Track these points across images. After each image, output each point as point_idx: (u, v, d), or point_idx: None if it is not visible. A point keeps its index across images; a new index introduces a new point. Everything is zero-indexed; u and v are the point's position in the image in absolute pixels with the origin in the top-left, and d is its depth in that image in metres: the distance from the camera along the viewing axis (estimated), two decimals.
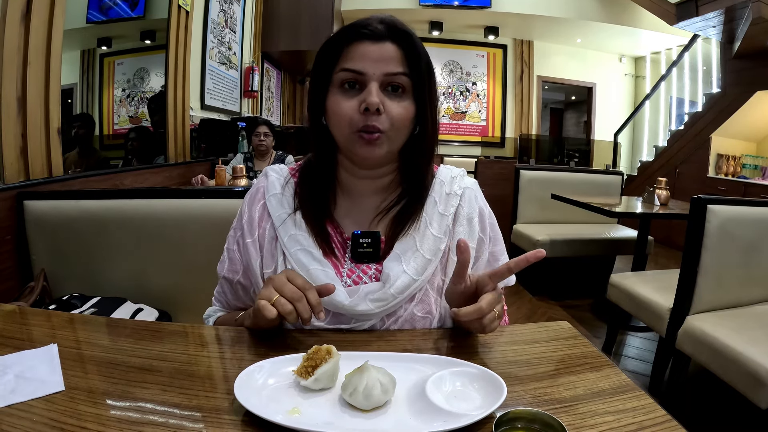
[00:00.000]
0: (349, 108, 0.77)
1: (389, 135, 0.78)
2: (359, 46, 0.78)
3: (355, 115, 0.76)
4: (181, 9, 3.03)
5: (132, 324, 0.89)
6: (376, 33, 0.77)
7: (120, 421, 0.53)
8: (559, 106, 12.15)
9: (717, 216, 1.79)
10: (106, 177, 2.19)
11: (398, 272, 0.79)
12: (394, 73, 0.77)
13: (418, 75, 0.79)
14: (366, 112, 0.75)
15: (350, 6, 6.05)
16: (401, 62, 0.78)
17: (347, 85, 0.78)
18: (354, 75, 0.77)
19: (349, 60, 0.77)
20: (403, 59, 0.78)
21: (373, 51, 0.77)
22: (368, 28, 0.78)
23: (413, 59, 0.78)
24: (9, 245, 1.48)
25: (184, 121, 3.16)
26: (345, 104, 0.77)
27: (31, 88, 1.68)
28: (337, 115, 0.78)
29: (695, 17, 4.64)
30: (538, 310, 3.28)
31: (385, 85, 0.77)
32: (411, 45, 0.79)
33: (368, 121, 0.76)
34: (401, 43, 0.78)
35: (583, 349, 0.75)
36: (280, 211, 0.85)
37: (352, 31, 0.78)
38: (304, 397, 0.59)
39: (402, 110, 0.78)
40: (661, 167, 5.85)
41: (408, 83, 0.78)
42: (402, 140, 0.81)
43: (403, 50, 0.78)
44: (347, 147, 0.80)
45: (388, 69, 0.77)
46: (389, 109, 0.77)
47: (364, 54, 0.77)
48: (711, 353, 1.69)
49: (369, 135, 0.76)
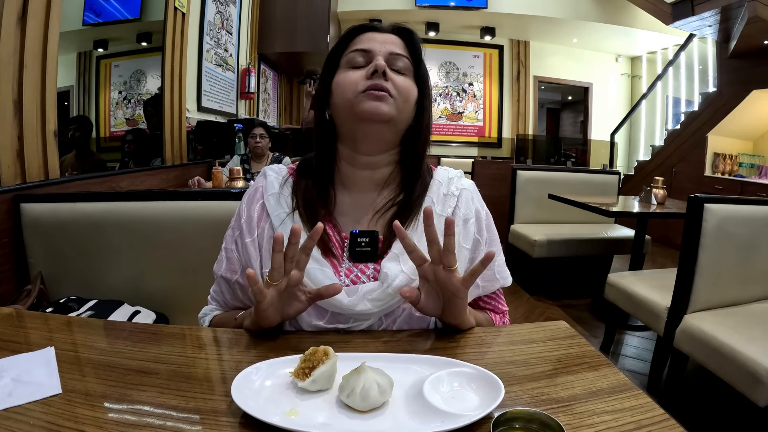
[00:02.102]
0: (356, 75, 0.82)
1: (396, 101, 0.82)
2: (366, 34, 0.87)
3: (361, 80, 0.81)
4: (177, 11, 3.03)
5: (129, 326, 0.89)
6: (381, 27, 0.88)
7: (117, 423, 0.53)
8: (556, 106, 12.17)
9: (714, 215, 1.79)
10: (102, 179, 2.19)
11: (396, 272, 0.79)
12: (397, 53, 0.84)
13: (419, 63, 0.86)
14: (373, 75, 0.80)
15: (346, 7, 6.05)
16: (404, 50, 0.86)
17: (355, 63, 0.84)
18: (361, 53, 0.84)
19: (357, 43, 0.86)
20: (406, 48, 0.86)
21: (378, 36, 0.86)
22: (375, 24, 0.88)
23: (414, 51, 0.87)
24: (5, 248, 1.48)
25: (180, 123, 3.15)
26: (352, 74, 0.83)
27: (27, 91, 1.68)
28: (343, 84, 0.83)
29: (691, 17, 4.65)
30: (535, 309, 3.28)
31: (390, 63, 0.83)
32: (412, 40, 0.87)
33: (375, 81, 0.80)
34: (404, 36, 0.87)
35: (581, 348, 0.75)
36: (279, 210, 0.86)
37: (360, 26, 0.88)
38: (301, 399, 0.59)
39: (407, 82, 0.84)
40: (658, 166, 5.86)
41: (409, 67, 0.85)
42: (405, 117, 0.84)
43: (405, 42, 0.87)
44: (352, 110, 0.81)
45: (393, 49, 0.84)
46: (394, 79, 0.82)
47: (371, 38, 0.85)
48: (709, 352, 1.69)
49: (377, 91, 0.80)
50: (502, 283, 0.92)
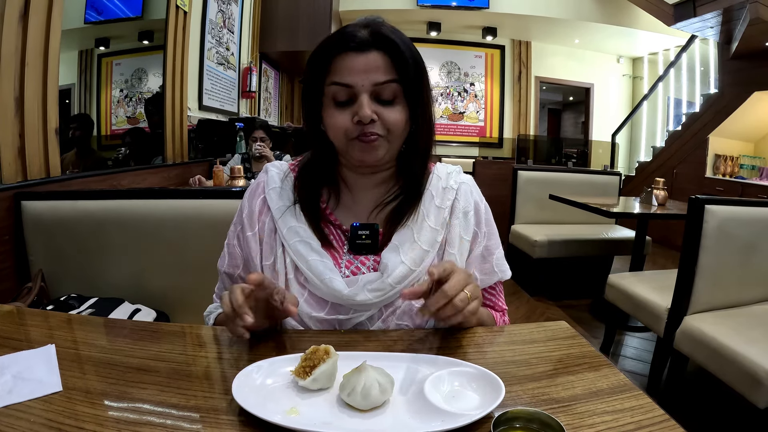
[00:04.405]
0: (344, 121, 0.79)
1: (388, 138, 0.80)
2: (345, 58, 0.78)
3: (350, 126, 0.78)
4: (179, 9, 3.03)
5: (130, 324, 0.89)
6: (361, 43, 0.78)
7: (118, 421, 0.53)
8: (557, 107, 12.16)
9: (715, 216, 1.79)
10: (103, 177, 2.19)
11: (396, 263, 0.80)
12: (382, 82, 0.78)
13: (407, 79, 0.79)
14: (360, 123, 0.77)
15: (348, 6, 6.05)
16: (389, 69, 0.78)
17: (339, 99, 0.79)
18: (344, 89, 0.78)
19: (338, 73, 0.78)
20: (391, 66, 0.79)
21: (359, 62, 0.77)
22: (354, 40, 0.78)
23: (401, 64, 0.79)
24: (6, 246, 1.48)
25: (181, 121, 3.15)
26: (339, 117, 0.79)
27: (28, 89, 1.68)
28: (333, 129, 0.80)
29: (693, 18, 4.64)
30: (536, 310, 3.28)
31: (376, 94, 0.78)
32: (396, 51, 0.78)
33: (364, 129, 0.78)
34: (387, 50, 0.78)
35: (582, 349, 0.75)
36: (280, 203, 0.87)
37: (338, 43, 0.79)
38: (302, 398, 0.59)
39: (396, 115, 0.79)
40: (659, 168, 5.86)
41: (398, 89, 0.79)
42: (399, 143, 0.83)
43: (390, 57, 0.79)
44: (345, 154, 0.83)
45: (376, 78, 0.77)
46: (383, 116, 0.78)
47: (352, 67, 0.77)
48: (709, 353, 1.69)
49: (367, 138, 0.78)
50: (501, 276, 0.92)
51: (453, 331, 0.80)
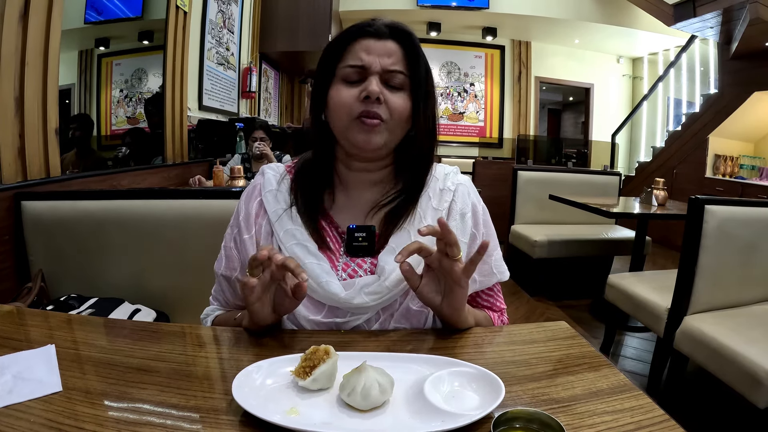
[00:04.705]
0: (350, 96, 0.80)
1: (389, 125, 0.81)
2: (362, 42, 0.82)
3: (354, 103, 0.79)
4: (179, 9, 3.03)
5: (130, 324, 0.89)
6: (379, 31, 0.82)
7: (118, 421, 0.53)
8: (557, 107, 12.16)
9: (714, 216, 1.79)
10: (103, 177, 2.19)
11: (393, 265, 0.80)
12: (393, 70, 0.81)
13: (416, 75, 0.82)
14: (366, 99, 0.78)
15: (348, 7, 6.05)
16: (401, 60, 0.82)
17: (350, 79, 0.81)
18: (356, 69, 0.81)
19: (353, 55, 0.82)
20: (403, 57, 0.82)
21: (375, 46, 0.81)
22: (372, 27, 0.82)
23: (413, 59, 0.82)
24: (6, 246, 1.48)
25: (182, 121, 3.15)
26: (346, 92, 0.80)
27: (28, 89, 1.68)
28: (338, 103, 0.81)
29: (693, 18, 4.64)
30: (536, 310, 3.28)
31: (385, 79, 0.81)
32: (411, 45, 0.83)
33: (368, 107, 0.79)
34: (402, 41, 0.83)
35: (581, 349, 0.75)
36: (276, 206, 0.87)
37: (357, 30, 0.83)
38: (302, 398, 0.59)
39: (401, 101, 0.81)
40: (659, 168, 5.86)
41: (406, 82, 0.82)
42: (400, 134, 0.84)
43: (404, 49, 0.83)
44: (345, 135, 0.82)
45: (388, 64, 0.81)
46: (389, 100, 0.80)
47: (367, 48, 0.81)
48: (709, 353, 1.69)
49: (369, 120, 0.79)
50: (500, 277, 0.92)
51: (453, 331, 0.80)
